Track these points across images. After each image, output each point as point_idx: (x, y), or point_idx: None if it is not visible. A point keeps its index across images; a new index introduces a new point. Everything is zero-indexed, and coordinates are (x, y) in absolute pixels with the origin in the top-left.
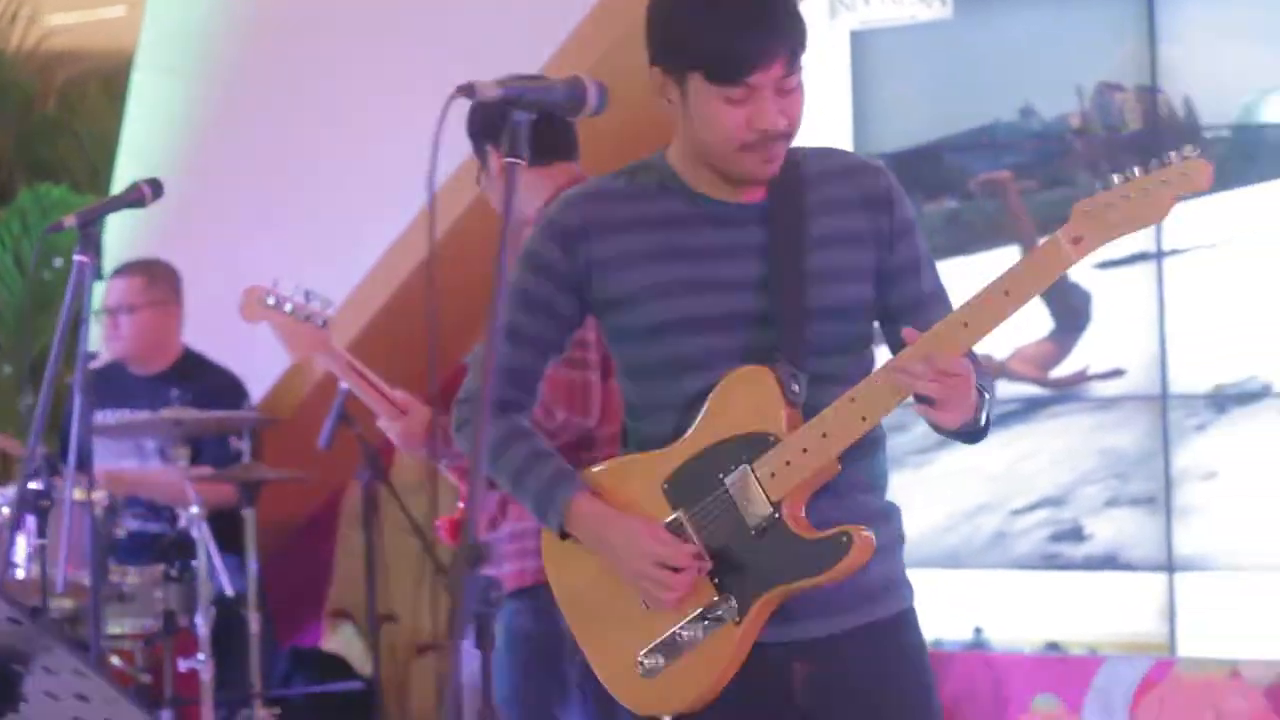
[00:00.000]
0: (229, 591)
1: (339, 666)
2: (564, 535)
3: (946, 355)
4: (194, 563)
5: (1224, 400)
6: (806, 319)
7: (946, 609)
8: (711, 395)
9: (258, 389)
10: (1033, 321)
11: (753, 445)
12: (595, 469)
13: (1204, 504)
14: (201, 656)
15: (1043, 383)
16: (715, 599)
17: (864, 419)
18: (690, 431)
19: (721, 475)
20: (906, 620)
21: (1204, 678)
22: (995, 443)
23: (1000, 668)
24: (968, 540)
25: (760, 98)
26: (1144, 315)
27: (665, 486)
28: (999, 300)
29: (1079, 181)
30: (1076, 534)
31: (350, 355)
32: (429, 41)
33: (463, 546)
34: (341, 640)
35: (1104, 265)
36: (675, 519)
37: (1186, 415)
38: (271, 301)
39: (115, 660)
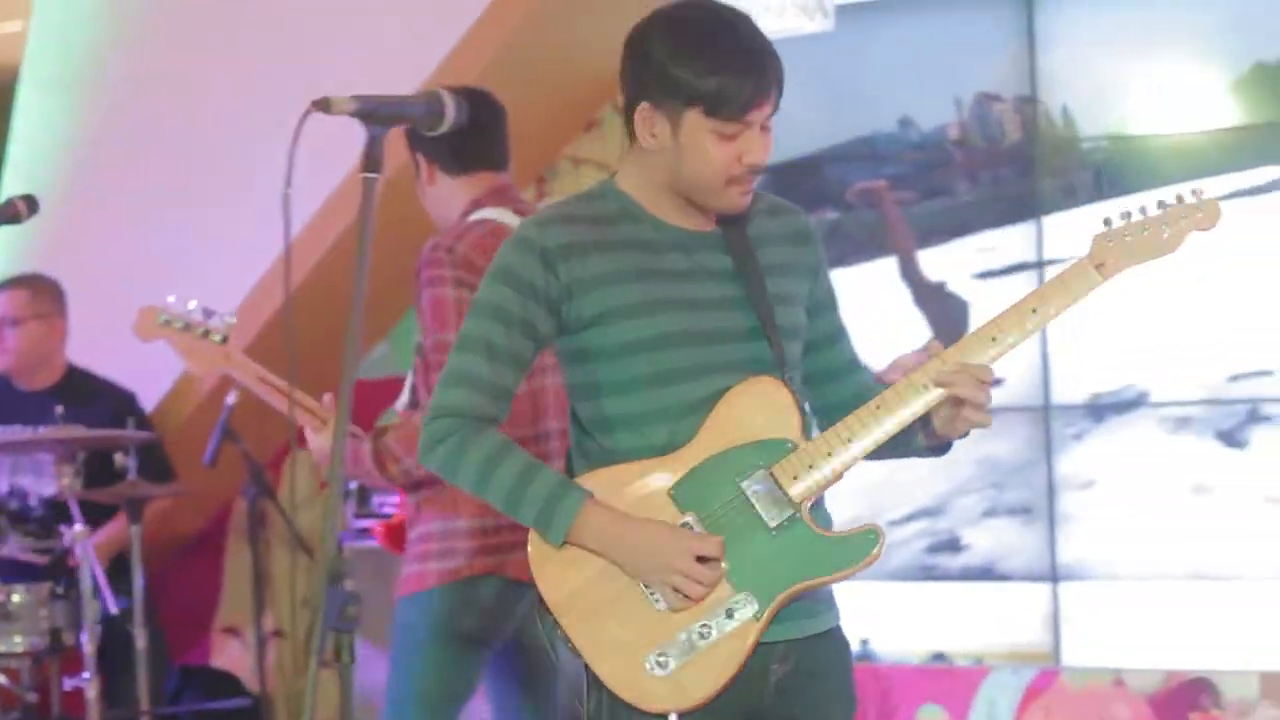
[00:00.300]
0: (113, 609)
1: (228, 683)
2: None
3: (979, 365)
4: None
5: (1101, 409)
6: (782, 337)
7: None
8: (719, 404)
9: (146, 404)
10: (909, 331)
11: (770, 450)
12: (582, 479)
13: (1082, 513)
14: (86, 674)
15: None
16: (735, 596)
17: (892, 422)
18: (695, 439)
19: (738, 479)
20: (842, 629)
21: (1088, 687)
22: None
23: (886, 679)
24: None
25: (750, 134)
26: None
27: (672, 492)
28: (1026, 317)
29: (958, 192)
30: (954, 545)
31: (261, 367)
32: (318, 54)
33: (324, 561)
34: (230, 656)
35: (983, 275)
36: (685, 523)
37: (1065, 424)
38: (164, 319)
39: (1, 679)
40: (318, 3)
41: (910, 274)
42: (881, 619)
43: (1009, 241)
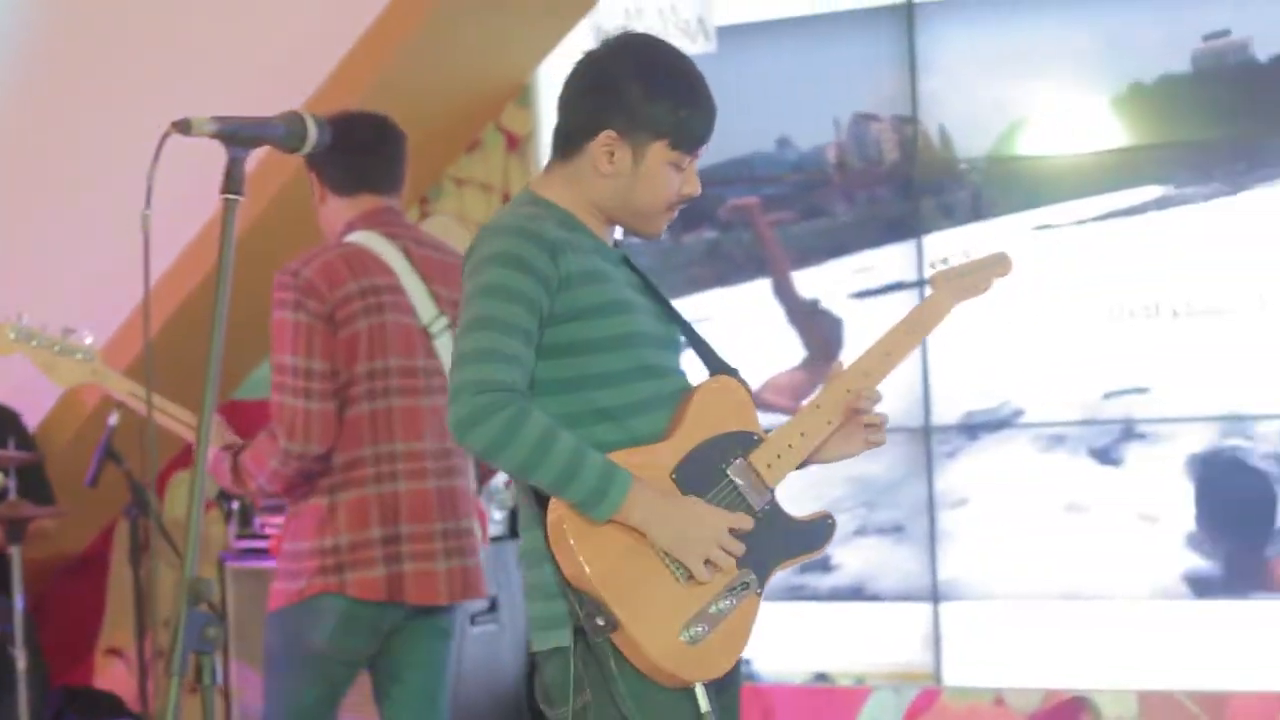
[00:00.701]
0: None
1: (110, 704)
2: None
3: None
4: None
5: (975, 427)
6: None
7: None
8: (693, 399)
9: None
10: (785, 350)
11: (741, 441)
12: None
13: (957, 531)
14: None
15: (794, 411)
16: (741, 572)
17: (829, 423)
18: (679, 430)
19: (724, 466)
20: None
21: (969, 706)
22: None
23: (768, 698)
24: None
25: (691, 167)
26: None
27: (674, 476)
28: (905, 339)
29: (836, 212)
30: (824, 564)
31: (134, 383)
32: (199, 75)
33: (183, 582)
34: (113, 677)
35: (860, 295)
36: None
37: (939, 442)
38: (14, 336)
39: None
40: (200, 24)
41: (783, 292)
42: (763, 639)
43: (887, 261)
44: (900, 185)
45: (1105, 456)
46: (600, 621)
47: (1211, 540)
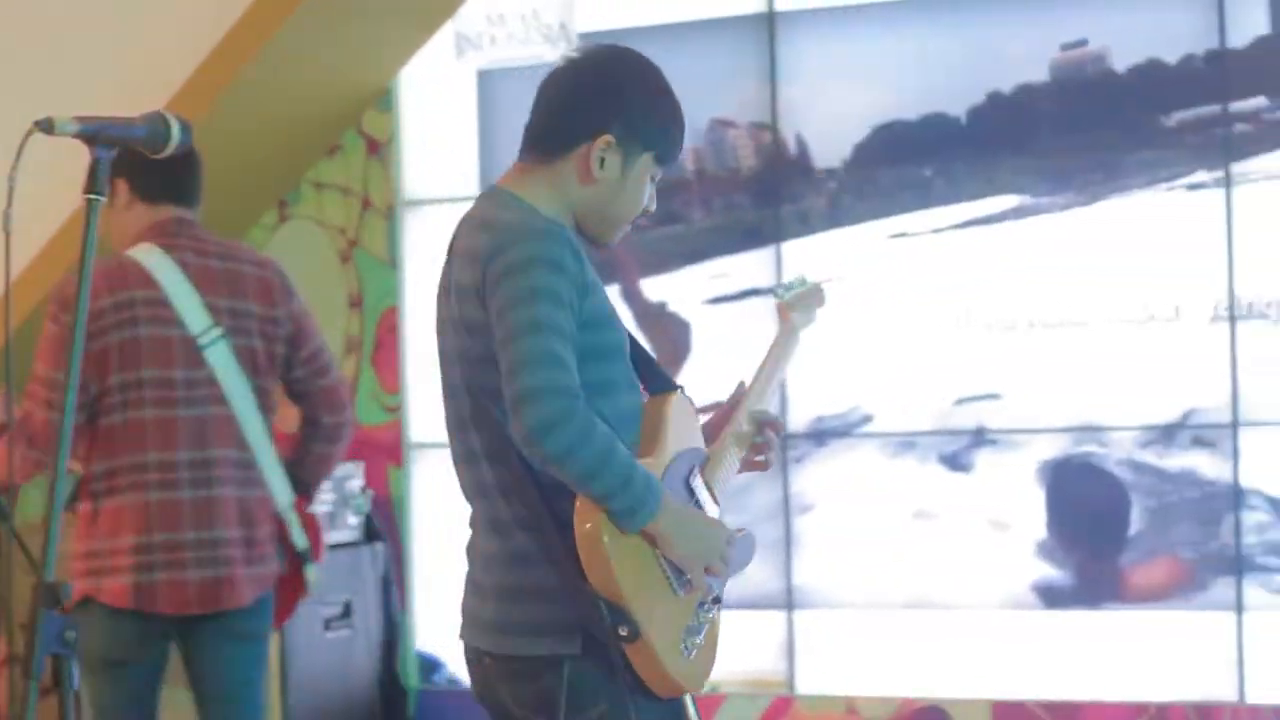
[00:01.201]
0: None
1: None
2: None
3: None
4: None
5: (823, 433)
6: None
7: None
8: (666, 413)
9: None
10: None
11: (697, 457)
12: None
13: (805, 539)
14: None
15: None
16: (713, 583)
17: (738, 451)
18: (657, 444)
19: (689, 480)
20: None
21: (822, 714)
22: None
23: None
24: None
25: (653, 183)
26: (757, 349)
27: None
28: (774, 365)
29: (693, 218)
30: None
31: None
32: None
33: (37, 586)
34: None
35: (715, 300)
36: None
37: (787, 448)
38: None
39: None
40: (62, 25)
41: (630, 293)
42: None
43: (743, 268)
44: (758, 192)
45: (955, 463)
46: (624, 631)
47: (1063, 549)
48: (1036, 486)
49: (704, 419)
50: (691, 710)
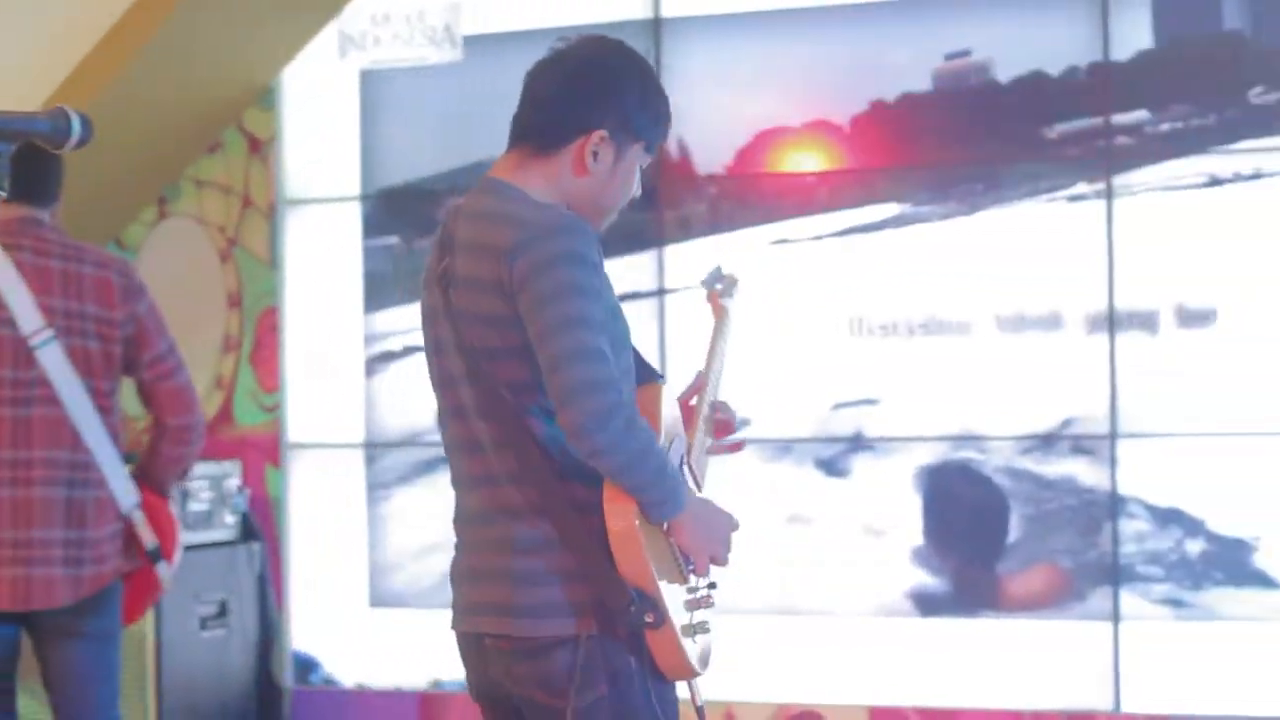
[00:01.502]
0: None
1: None
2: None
3: None
4: None
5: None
6: None
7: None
8: (662, 403)
9: None
10: None
11: (681, 445)
12: None
13: None
14: None
15: None
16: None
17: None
18: (658, 432)
19: (681, 468)
20: None
21: None
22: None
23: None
24: (416, 580)
25: (641, 170)
26: (646, 351)
27: None
28: (720, 352)
29: None
30: None
31: None
32: None
33: None
34: None
35: None
36: None
37: None
38: None
39: None
40: None
41: None
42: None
43: (626, 271)
44: (641, 197)
45: (832, 468)
46: (650, 618)
47: (940, 555)
48: (914, 493)
49: None
50: (697, 694)
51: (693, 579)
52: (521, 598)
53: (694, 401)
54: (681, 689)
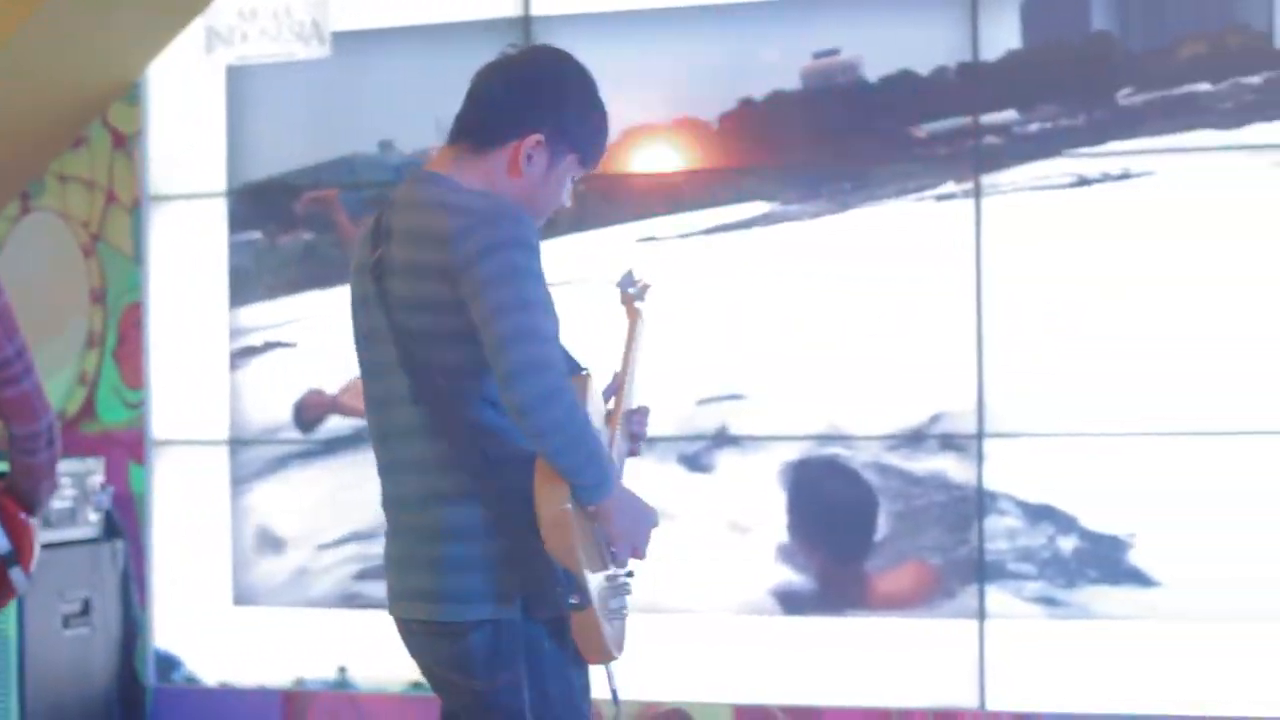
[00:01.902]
0: None
1: None
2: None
3: None
4: None
5: None
6: None
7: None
8: (588, 395)
9: None
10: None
11: (604, 437)
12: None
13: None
14: None
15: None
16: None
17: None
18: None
19: None
20: None
21: None
22: (322, 472)
23: (365, 706)
24: (279, 578)
25: (573, 183)
26: None
27: None
28: (635, 354)
29: None
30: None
31: None
32: None
33: None
34: None
35: None
36: None
37: None
38: None
39: None
40: None
41: None
42: (360, 648)
43: None
44: None
45: (695, 464)
46: (575, 600)
47: (805, 553)
48: (779, 489)
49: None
50: (614, 678)
51: (613, 567)
52: (446, 584)
53: (610, 404)
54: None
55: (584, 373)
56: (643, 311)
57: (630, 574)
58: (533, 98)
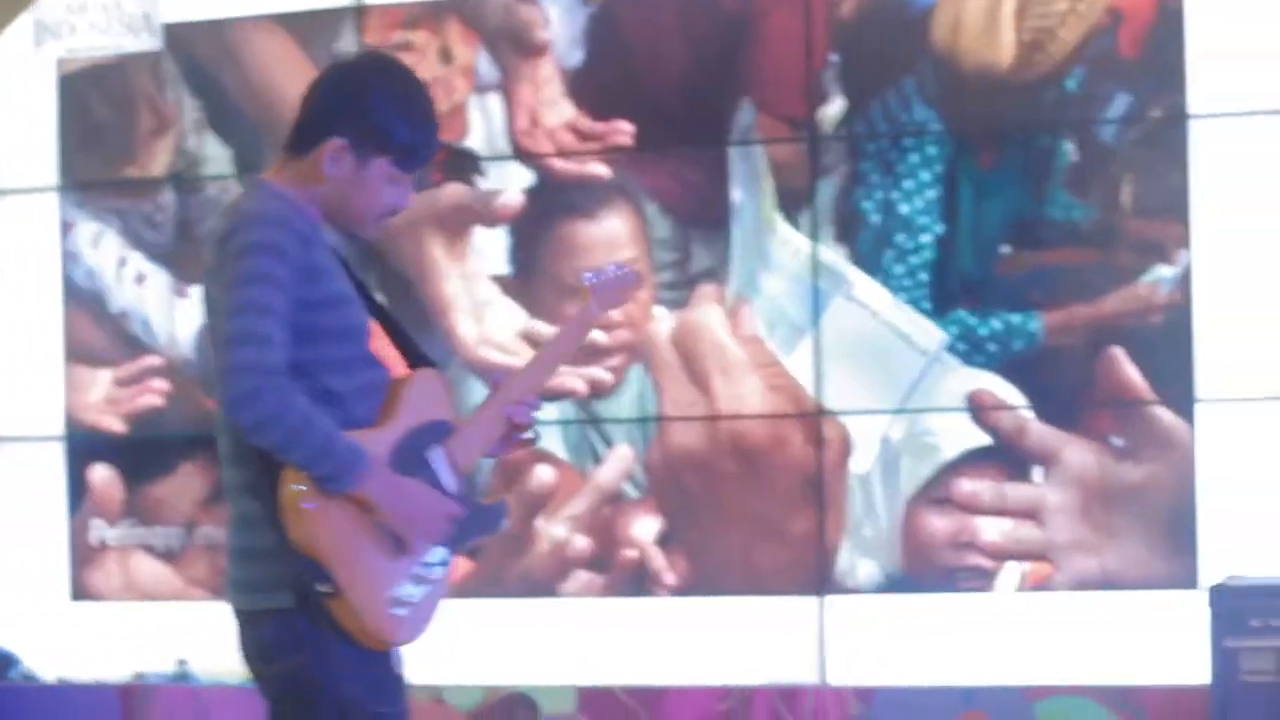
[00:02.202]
0: None
1: None
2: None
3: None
4: None
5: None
6: None
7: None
8: (402, 389)
9: None
10: None
11: (439, 430)
12: None
13: None
14: None
15: None
16: (439, 550)
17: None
18: (391, 417)
19: (425, 452)
20: None
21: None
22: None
23: (208, 699)
24: (115, 573)
25: (406, 183)
26: None
27: (390, 459)
28: (558, 345)
29: None
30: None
31: None
32: None
33: None
34: None
35: None
36: None
37: None
38: None
39: None
40: None
41: None
42: (201, 637)
43: None
44: None
45: None
46: (323, 587)
47: None
48: None
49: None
50: (398, 662)
51: (402, 556)
52: (241, 572)
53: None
54: None
55: (421, 369)
56: (594, 307)
57: (444, 563)
58: (336, 101)
